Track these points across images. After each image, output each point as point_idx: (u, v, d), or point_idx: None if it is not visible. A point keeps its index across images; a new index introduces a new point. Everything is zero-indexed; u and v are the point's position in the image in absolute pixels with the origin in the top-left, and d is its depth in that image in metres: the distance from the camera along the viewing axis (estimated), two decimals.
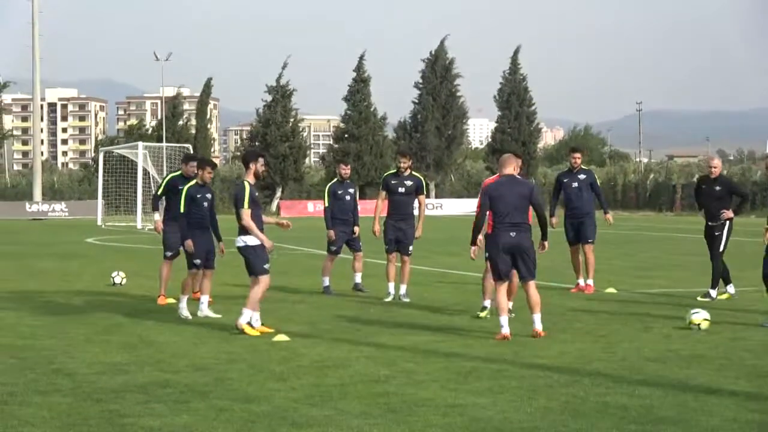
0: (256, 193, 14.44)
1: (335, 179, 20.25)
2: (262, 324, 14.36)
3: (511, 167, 14.13)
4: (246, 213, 14.23)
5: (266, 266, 14.36)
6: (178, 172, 18.13)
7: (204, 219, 16.31)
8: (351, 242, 19.90)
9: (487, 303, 15.84)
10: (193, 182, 16.42)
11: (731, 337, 13.78)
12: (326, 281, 19.73)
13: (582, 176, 19.98)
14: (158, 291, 18.07)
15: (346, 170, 20.15)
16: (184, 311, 16.00)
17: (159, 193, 18.24)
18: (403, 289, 18.44)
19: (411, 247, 18.59)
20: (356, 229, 19.75)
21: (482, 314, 15.79)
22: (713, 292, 18.27)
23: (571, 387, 10.31)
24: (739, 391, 10.09)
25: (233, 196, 14.52)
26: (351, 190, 19.93)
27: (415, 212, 18.62)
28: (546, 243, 14.36)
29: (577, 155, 20.01)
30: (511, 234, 13.74)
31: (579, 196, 19.87)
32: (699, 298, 18.06)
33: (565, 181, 20.15)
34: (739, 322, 15.32)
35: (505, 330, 13.54)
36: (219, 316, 15.98)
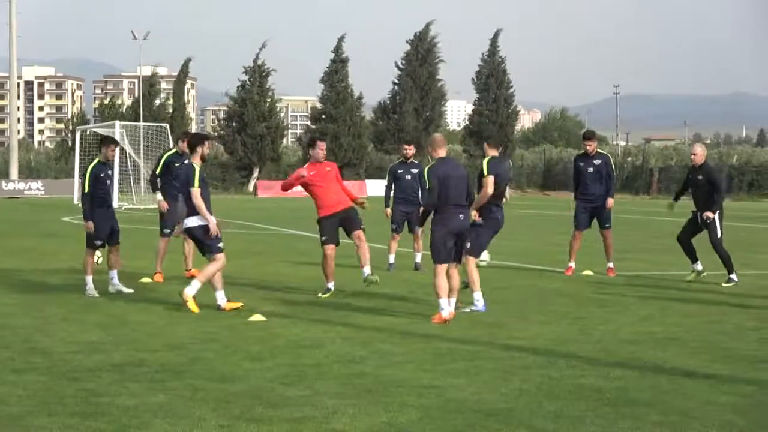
0: (204, 175, 14.60)
1: (399, 159, 20.54)
2: (228, 300, 14.47)
3: (445, 149, 14.03)
4: (197, 192, 14.37)
5: (220, 245, 14.55)
6: (173, 150, 18.42)
7: (107, 196, 16.74)
8: (410, 222, 20.00)
9: (331, 286, 16.04)
10: (95, 161, 16.55)
11: (707, 320, 13.84)
12: (391, 258, 20.13)
13: (597, 161, 19.65)
14: (154, 268, 18.30)
15: (408, 150, 20.32)
16: (92, 291, 16.12)
17: (157, 172, 18.23)
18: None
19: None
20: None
21: (323, 295, 15.96)
22: (734, 276, 18.16)
23: (546, 369, 10.34)
24: (714, 374, 10.13)
25: (182, 176, 14.67)
26: (414, 171, 19.81)
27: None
28: (476, 212, 14.31)
29: (589, 143, 19.73)
30: (460, 216, 13.65)
31: (594, 181, 19.62)
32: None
33: (581, 164, 19.88)
34: (714, 305, 15.40)
35: (445, 313, 13.45)
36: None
